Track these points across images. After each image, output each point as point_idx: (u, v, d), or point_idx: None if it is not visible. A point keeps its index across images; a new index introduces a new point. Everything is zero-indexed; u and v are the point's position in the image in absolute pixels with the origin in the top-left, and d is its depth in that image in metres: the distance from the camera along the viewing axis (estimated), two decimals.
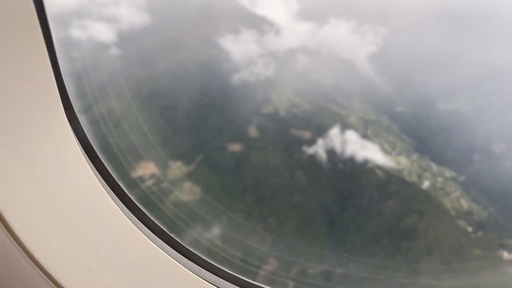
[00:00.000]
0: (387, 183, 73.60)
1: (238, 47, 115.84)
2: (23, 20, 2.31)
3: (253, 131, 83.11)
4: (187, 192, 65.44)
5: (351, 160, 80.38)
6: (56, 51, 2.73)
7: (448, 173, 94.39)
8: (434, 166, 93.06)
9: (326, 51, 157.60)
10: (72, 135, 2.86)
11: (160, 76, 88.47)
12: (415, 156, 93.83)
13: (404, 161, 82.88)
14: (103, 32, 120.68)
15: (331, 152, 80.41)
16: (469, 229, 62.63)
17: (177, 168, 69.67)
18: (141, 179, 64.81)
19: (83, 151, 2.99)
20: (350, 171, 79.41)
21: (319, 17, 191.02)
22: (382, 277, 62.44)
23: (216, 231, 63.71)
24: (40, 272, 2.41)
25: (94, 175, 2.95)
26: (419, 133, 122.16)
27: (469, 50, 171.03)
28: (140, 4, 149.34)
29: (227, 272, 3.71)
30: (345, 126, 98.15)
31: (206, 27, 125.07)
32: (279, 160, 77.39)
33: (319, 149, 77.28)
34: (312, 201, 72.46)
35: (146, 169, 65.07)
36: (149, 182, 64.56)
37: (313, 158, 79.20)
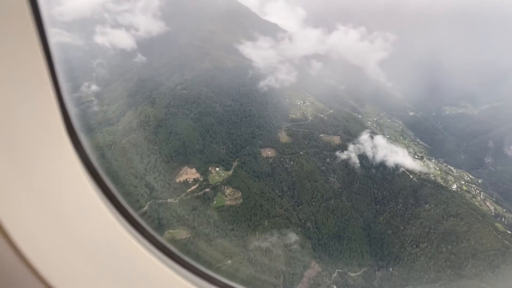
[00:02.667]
0: (421, 187, 74.76)
1: (258, 54, 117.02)
2: (23, 46, 2.70)
3: (283, 137, 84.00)
4: (229, 197, 66.04)
5: (383, 165, 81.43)
6: (57, 73, 3.10)
7: (467, 176, 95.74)
8: (453, 170, 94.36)
9: (336, 57, 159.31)
10: (74, 155, 3.18)
11: (190, 83, 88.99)
12: (434, 160, 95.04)
13: (431, 165, 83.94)
14: (124, 39, 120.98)
15: (363, 157, 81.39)
16: (510, 232, 63.91)
17: (217, 174, 70.32)
18: (186, 183, 65.34)
19: (86, 170, 3.30)
20: (382, 175, 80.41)
21: (326, 24, 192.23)
22: (425, 280, 63.21)
23: (258, 235, 64.15)
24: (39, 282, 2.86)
25: (96, 194, 3.25)
26: (432, 137, 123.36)
27: (476, 55, 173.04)
28: (154, 12, 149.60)
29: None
30: (362, 130, 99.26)
31: (225, 34, 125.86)
32: (313, 165, 78.26)
33: (351, 154, 78.15)
34: (348, 205, 73.38)
35: (189, 175, 65.67)
36: (193, 187, 65.15)
37: (346, 163, 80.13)
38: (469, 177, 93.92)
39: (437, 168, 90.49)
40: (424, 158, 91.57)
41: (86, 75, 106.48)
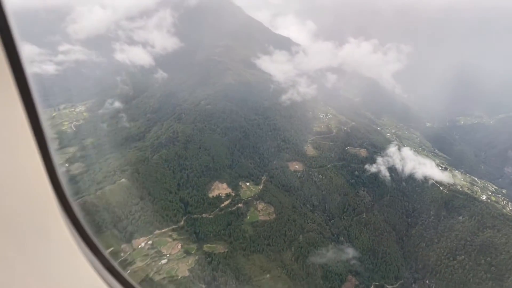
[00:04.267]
0: (452, 199, 74.15)
1: (276, 67, 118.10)
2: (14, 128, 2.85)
3: (310, 150, 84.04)
4: (262, 212, 65.75)
5: (412, 177, 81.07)
6: (44, 132, 3.14)
7: (491, 186, 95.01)
8: (477, 180, 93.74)
9: (350, 70, 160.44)
10: (62, 217, 3.28)
11: (214, 98, 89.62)
12: (457, 171, 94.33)
13: (459, 176, 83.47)
14: (142, 56, 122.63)
15: (392, 169, 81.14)
16: None
17: (248, 188, 70.18)
18: (219, 198, 65.22)
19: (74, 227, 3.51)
20: (412, 188, 79.96)
21: (337, 36, 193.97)
22: None
23: (293, 250, 63.57)
24: None
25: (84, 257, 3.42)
26: (451, 148, 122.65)
27: (488, 65, 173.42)
28: (168, 29, 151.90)
29: None
30: (385, 142, 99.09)
31: (242, 49, 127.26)
32: (342, 178, 77.99)
33: (380, 166, 77.95)
34: (380, 219, 72.84)
35: (221, 190, 65.71)
36: (226, 202, 65.02)
37: (375, 175, 79.85)
38: (493, 188, 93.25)
39: (462, 179, 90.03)
40: (448, 169, 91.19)
41: (109, 91, 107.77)
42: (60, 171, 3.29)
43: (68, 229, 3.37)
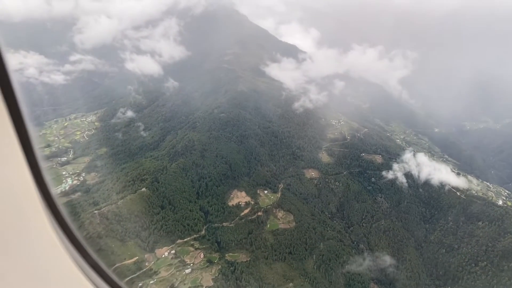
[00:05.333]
0: (470, 204, 73.96)
1: (285, 75, 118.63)
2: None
3: (325, 157, 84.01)
4: (282, 220, 65.54)
5: (428, 182, 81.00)
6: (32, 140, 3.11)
7: (503, 191, 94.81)
8: (490, 185, 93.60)
9: (356, 76, 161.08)
10: (49, 224, 3.25)
11: (227, 106, 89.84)
12: (469, 176, 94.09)
13: (474, 181, 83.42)
14: (150, 65, 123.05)
15: (408, 175, 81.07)
16: None
17: (266, 196, 70.09)
18: (239, 207, 65.11)
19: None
20: (428, 194, 79.84)
21: (341, 43, 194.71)
22: None
23: (315, 258, 63.16)
24: None
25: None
26: (460, 153, 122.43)
27: (494, 70, 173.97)
28: (174, 38, 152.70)
29: None
30: (397, 147, 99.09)
31: (250, 57, 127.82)
32: (359, 185, 77.89)
33: (397, 173, 77.91)
34: (398, 225, 72.63)
35: (240, 198, 65.51)
36: (246, 211, 64.75)
37: (391, 182, 79.77)
38: (506, 192, 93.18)
39: (477, 184, 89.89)
40: (461, 174, 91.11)
41: (119, 101, 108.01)
42: (44, 167, 3.25)
43: (51, 226, 3.32)
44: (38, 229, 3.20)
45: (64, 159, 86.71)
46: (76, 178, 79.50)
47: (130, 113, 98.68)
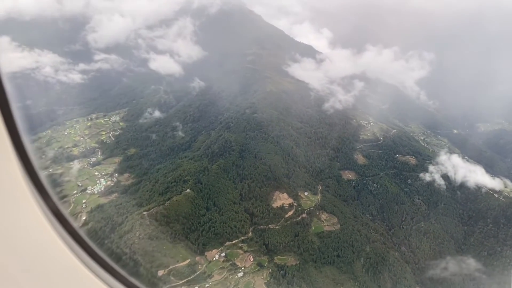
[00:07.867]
0: (509, 206, 73.58)
1: (309, 75, 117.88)
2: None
3: (360, 158, 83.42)
4: (326, 222, 64.77)
5: (464, 184, 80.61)
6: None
7: None
8: None
9: (373, 77, 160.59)
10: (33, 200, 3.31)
11: (258, 106, 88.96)
12: (496, 177, 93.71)
13: (509, 183, 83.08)
14: (170, 65, 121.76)
15: (445, 177, 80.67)
16: None
17: (307, 198, 69.29)
18: (283, 209, 64.15)
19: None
20: (465, 195, 79.42)
21: (354, 44, 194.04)
22: None
23: (363, 261, 62.35)
24: None
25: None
26: (480, 154, 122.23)
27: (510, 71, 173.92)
28: (190, 37, 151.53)
29: None
30: (424, 149, 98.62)
31: (272, 57, 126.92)
32: (396, 187, 77.29)
33: (434, 175, 77.41)
34: (437, 227, 72.12)
35: (283, 200, 64.62)
36: (290, 212, 63.88)
37: (428, 183, 79.26)
38: None
39: (510, 186, 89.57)
40: (495, 177, 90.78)
41: (141, 101, 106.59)
42: (27, 140, 3.33)
43: (33, 198, 3.36)
44: (30, 218, 3.28)
45: (93, 159, 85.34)
46: (109, 179, 78.23)
47: (157, 113, 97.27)
